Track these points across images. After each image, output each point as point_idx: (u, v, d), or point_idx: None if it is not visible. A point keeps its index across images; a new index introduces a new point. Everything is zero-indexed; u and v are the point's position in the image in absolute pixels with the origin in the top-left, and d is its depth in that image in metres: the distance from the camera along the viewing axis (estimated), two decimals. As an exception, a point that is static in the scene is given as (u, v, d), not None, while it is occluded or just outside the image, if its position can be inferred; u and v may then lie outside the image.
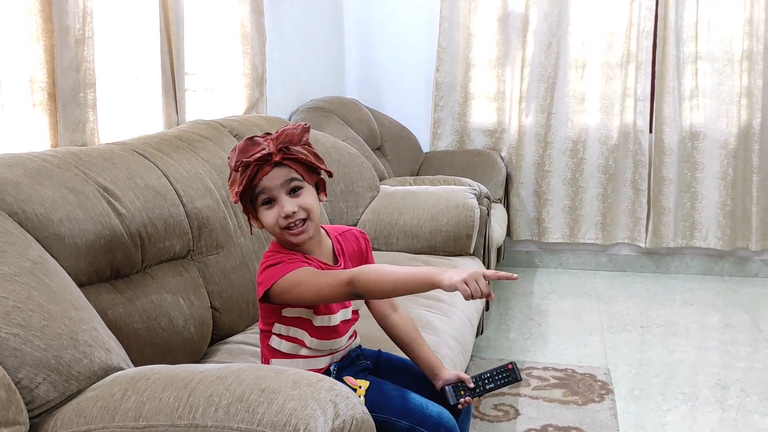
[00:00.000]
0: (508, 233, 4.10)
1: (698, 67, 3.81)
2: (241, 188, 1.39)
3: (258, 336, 1.56)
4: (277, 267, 1.39)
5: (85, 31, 1.80)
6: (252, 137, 1.40)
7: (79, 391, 1.18)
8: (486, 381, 1.53)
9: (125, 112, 2.12)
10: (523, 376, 2.65)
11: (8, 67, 1.69)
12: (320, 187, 1.49)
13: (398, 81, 4.22)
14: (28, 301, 1.17)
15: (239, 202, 1.42)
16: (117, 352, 1.30)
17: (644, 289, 3.81)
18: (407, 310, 2.02)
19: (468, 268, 1.31)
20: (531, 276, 4.06)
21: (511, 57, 4.01)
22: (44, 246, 1.36)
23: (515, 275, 1.31)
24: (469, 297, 1.25)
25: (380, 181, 3.11)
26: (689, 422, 2.37)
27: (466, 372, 1.95)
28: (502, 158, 4.01)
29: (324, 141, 2.76)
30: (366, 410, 1.13)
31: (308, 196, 1.42)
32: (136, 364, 1.34)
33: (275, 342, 1.48)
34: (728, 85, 3.79)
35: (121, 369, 1.26)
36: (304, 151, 1.42)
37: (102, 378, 1.21)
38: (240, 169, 1.39)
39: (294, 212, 1.39)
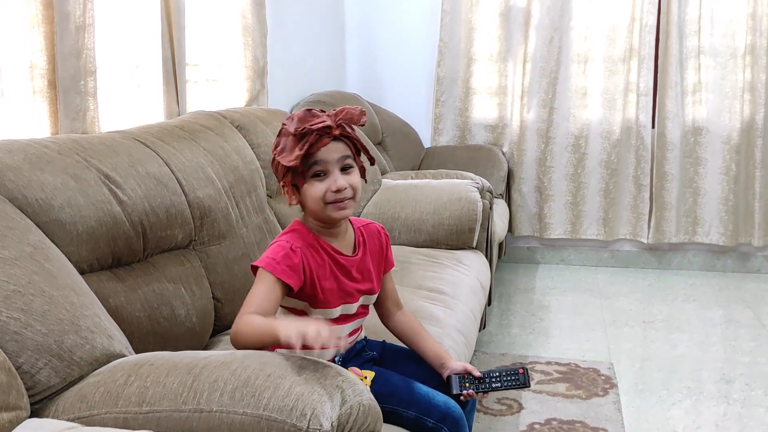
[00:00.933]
0: (510, 229, 4.08)
1: (701, 62, 3.79)
2: (302, 152, 1.37)
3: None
4: (278, 261, 1.38)
5: (85, 18, 1.78)
6: (310, 109, 1.41)
7: (81, 377, 1.16)
8: (493, 379, 1.50)
9: (126, 101, 2.10)
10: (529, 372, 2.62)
11: (8, 54, 1.67)
12: (361, 173, 1.49)
13: (399, 76, 4.20)
14: (28, 286, 1.15)
15: (288, 171, 1.40)
16: (119, 339, 1.28)
17: (646, 284, 3.80)
18: (411, 302, 2.01)
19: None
20: (532, 272, 4.04)
21: (512, 52, 3.99)
22: (45, 232, 1.34)
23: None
24: None
25: (382, 175, 3.09)
26: (693, 416, 2.36)
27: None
28: (503, 153, 3.99)
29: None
30: (372, 397, 1.12)
31: (356, 176, 1.43)
32: (138, 353, 1.32)
33: (279, 331, 1.46)
34: (731, 80, 3.77)
35: (124, 356, 1.24)
36: (357, 134, 1.44)
37: (104, 364, 1.19)
38: (299, 134, 1.37)
39: (345, 188, 1.40)
